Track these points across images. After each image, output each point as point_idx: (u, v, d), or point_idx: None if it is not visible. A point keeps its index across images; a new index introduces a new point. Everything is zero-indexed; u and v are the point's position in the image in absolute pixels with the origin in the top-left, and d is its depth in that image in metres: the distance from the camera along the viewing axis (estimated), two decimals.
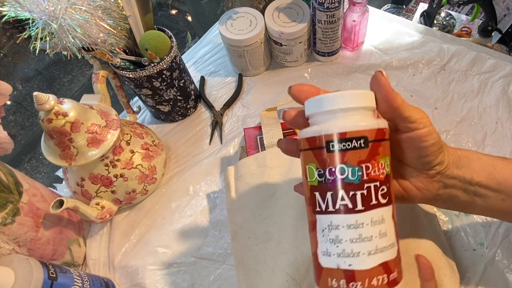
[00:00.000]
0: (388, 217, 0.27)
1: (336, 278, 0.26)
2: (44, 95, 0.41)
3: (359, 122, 0.26)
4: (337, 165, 0.26)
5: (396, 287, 0.26)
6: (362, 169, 0.26)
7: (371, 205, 0.26)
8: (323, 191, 0.27)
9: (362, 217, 0.26)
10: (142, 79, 0.54)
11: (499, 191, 0.32)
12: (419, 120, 0.29)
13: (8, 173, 0.45)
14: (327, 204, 0.26)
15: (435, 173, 0.31)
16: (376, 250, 0.26)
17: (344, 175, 0.26)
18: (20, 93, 1.60)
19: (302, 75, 0.66)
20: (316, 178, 0.27)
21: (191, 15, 1.55)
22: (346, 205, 0.26)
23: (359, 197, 0.26)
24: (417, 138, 0.29)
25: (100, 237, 0.56)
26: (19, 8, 0.39)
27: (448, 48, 0.64)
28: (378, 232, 0.26)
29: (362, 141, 0.26)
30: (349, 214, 0.26)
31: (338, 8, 0.56)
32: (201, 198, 0.56)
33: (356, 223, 0.26)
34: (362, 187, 0.26)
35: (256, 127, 0.54)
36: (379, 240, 0.26)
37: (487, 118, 0.56)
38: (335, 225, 0.26)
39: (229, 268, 0.50)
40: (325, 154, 0.26)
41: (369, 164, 0.26)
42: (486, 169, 0.32)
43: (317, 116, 0.28)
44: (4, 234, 0.42)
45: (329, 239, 0.26)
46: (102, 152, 0.46)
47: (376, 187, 0.26)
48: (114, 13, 0.46)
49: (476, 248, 0.45)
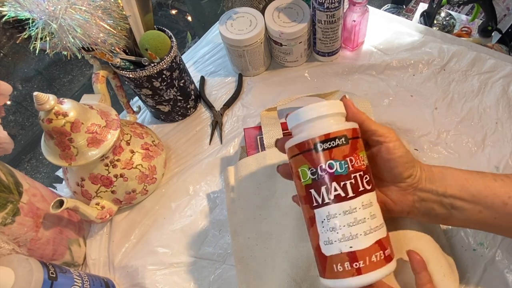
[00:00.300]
0: (374, 200, 0.31)
1: (340, 262, 0.30)
2: (44, 95, 0.41)
3: (337, 124, 0.31)
4: (327, 162, 0.30)
5: (391, 262, 0.30)
6: (348, 162, 0.30)
7: (360, 191, 0.30)
8: (318, 187, 0.30)
9: (354, 202, 0.30)
10: (142, 79, 0.54)
11: (474, 203, 0.34)
12: (385, 134, 0.34)
13: (8, 173, 0.45)
14: (322, 197, 0.30)
15: (407, 186, 0.35)
16: (371, 229, 0.30)
17: (333, 169, 0.30)
18: (20, 93, 1.60)
19: (302, 75, 0.66)
20: (309, 177, 0.31)
21: (191, 15, 1.55)
22: (339, 194, 0.30)
23: (349, 186, 0.30)
24: (385, 151, 0.33)
25: (100, 237, 0.56)
26: (19, 8, 0.39)
27: (448, 48, 0.64)
28: (369, 214, 0.30)
29: (344, 139, 0.31)
30: (343, 202, 0.30)
31: (338, 8, 0.56)
32: (201, 198, 0.56)
33: (350, 208, 0.30)
34: (350, 177, 0.30)
35: (256, 127, 0.54)
36: (371, 221, 0.30)
37: (487, 118, 0.56)
38: (332, 214, 0.30)
39: (229, 268, 0.50)
40: (315, 155, 0.31)
41: (352, 157, 0.31)
42: (459, 183, 0.35)
43: (300, 126, 0.33)
44: (4, 234, 0.42)
45: (329, 228, 0.30)
46: (102, 152, 0.46)
47: (361, 176, 0.31)
48: (114, 13, 0.46)
49: (476, 248, 0.45)
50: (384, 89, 0.62)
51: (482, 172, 0.36)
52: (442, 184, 0.35)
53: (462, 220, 0.36)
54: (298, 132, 0.33)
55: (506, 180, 0.35)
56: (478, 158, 0.53)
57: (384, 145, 0.34)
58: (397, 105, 0.60)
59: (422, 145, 0.55)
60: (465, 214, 0.35)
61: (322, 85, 0.64)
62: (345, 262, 0.29)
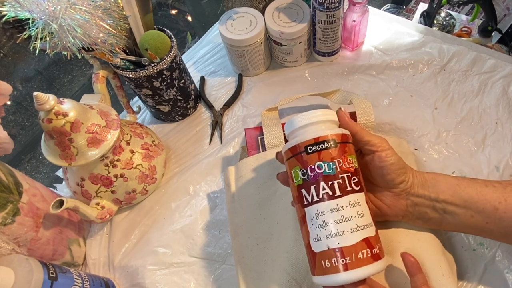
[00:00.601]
0: (362, 200, 0.33)
1: (328, 258, 0.31)
2: (44, 95, 0.41)
3: (327, 129, 0.34)
4: (316, 163, 0.33)
5: (379, 261, 0.32)
6: (336, 163, 0.33)
7: (347, 191, 0.32)
8: (308, 186, 0.33)
9: (341, 201, 0.32)
10: (142, 79, 0.54)
11: (466, 208, 0.36)
12: (377, 144, 0.36)
13: (8, 173, 0.45)
14: (312, 196, 0.33)
15: (399, 191, 0.37)
16: (357, 227, 0.31)
17: (322, 169, 0.33)
18: (20, 93, 1.60)
19: (302, 75, 0.66)
20: (300, 178, 0.34)
21: (191, 15, 1.55)
22: (327, 193, 0.32)
23: (336, 185, 0.32)
24: (377, 158, 0.36)
25: (100, 237, 0.56)
26: (19, 8, 0.39)
27: (448, 48, 0.64)
28: (356, 213, 0.32)
29: (332, 142, 0.33)
30: (331, 200, 0.32)
31: (338, 8, 0.56)
32: (201, 198, 0.56)
33: (337, 206, 0.32)
34: (338, 177, 0.32)
35: (257, 128, 0.54)
36: (358, 219, 0.32)
37: (487, 119, 0.56)
38: (321, 211, 0.32)
39: (229, 268, 0.50)
40: (305, 157, 0.33)
41: (340, 159, 0.33)
42: (451, 188, 0.36)
43: (294, 132, 0.36)
44: (4, 234, 0.42)
45: (317, 225, 0.32)
46: (102, 152, 0.46)
47: (348, 177, 0.33)
48: (114, 13, 0.46)
49: (476, 248, 0.45)
50: (384, 89, 0.62)
51: (474, 179, 0.38)
52: (434, 190, 0.37)
53: (455, 224, 0.37)
54: (292, 137, 0.36)
55: (497, 186, 0.36)
56: (478, 158, 0.53)
57: (377, 154, 0.36)
58: (397, 105, 0.60)
59: (422, 145, 0.55)
60: (457, 219, 0.36)
61: (322, 85, 0.64)
62: (332, 258, 0.31)
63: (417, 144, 0.55)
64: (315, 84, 0.65)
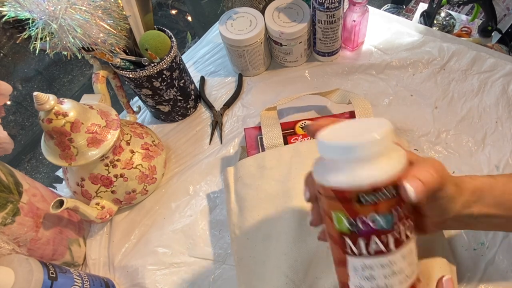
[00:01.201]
0: (414, 247, 0.27)
1: None
2: (44, 95, 0.41)
3: (388, 167, 0.25)
4: (369, 214, 0.25)
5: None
6: (393, 214, 0.25)
7: (401, 243, 0.26)
8: (354, 238, 0.26)
9: (394, 256, 0.26)
10: (142, 79, 0.54)
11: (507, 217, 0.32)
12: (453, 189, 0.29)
13: (8, 173, 0.45)
14: (359, 249, 0.26)
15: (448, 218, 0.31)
16: (406, 278, 0.26)
17: (376, 223, 0.25)
18: (20, 93, 1.60)
19: (302, 75, 0.66)
20: (345, 226, 0.26)
21: (191, 15, 1.55)
22: (380, 250, 0.25)
23: (391, 240, 0.25)
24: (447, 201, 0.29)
25: (100, 237, 0.56)
26: (19, 8, 0.39)
27: (448, 48, 0.64)
28: (407, 263, 0.26)
29: (392, 187, 0.25)
30: (382, 257, 0.25)
31: (338, 8, 0.56)
32: (201, 198, 0.56)
33: (389, 262, 0.26)
34: (393, 230, 0.25)
35: (257, 127, 0.54)
36: (408, 268, 0.26)
37: (487, 118, 0.56)
38: (368, 266, 0.26)
39: (229, 268, 0.50)
40: (356, 206, 0.25)
41: (398, 206, 0.25)
42: (496, 199, 0.32)
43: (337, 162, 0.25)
44: (4, 234, 0.42)
45: (362, 276, 0.26)
46: (102, 152, 0.46)
47: (404, 224, 0.26)
48: (114, 13, 0.46)
49: (476, 248, 0.45)
50: (384, 89, 0.62)
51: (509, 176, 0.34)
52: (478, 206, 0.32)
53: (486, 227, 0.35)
54: (334, 168, 0.26)
55: None
56: (478, 157, 0.53)
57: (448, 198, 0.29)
58: (397, 105, 0.60)
59: (422, 145, 0.55)
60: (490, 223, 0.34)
61: (322, 85, 0.64)
62: None
63: (417, 143, 0.55)
64: (315, 84, 0.65)
